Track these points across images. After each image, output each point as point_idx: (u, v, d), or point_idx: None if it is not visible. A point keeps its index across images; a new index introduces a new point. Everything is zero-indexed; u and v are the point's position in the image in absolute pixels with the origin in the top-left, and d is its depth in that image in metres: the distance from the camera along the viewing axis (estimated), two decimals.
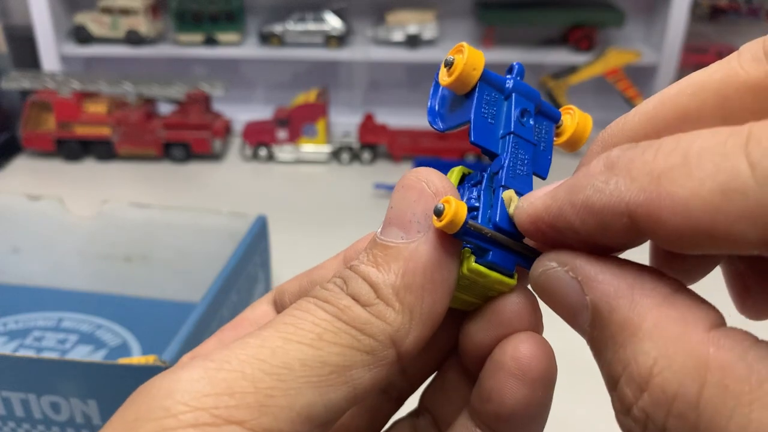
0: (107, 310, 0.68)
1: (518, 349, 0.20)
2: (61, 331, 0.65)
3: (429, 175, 0.20)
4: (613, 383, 0.16)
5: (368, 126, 1.07)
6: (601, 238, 0.17)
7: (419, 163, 0.98)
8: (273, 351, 0.17)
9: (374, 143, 1.06)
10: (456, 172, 0.22)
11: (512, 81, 0.22)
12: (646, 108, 0.19)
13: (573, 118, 0.22)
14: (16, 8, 1.19)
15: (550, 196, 0.18)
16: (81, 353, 0.62)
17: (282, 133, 1.06)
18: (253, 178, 1.03)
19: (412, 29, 1.10)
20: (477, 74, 0.21)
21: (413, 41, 1.11)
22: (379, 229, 0.20)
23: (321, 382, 0.17)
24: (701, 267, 0.20)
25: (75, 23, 1.13)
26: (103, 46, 1.14)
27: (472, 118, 0.21)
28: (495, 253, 0.20)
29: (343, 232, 0.80)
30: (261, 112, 1.14)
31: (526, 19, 1.11)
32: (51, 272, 0.72)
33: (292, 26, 1.12)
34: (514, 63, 0.22)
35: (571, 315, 0.18)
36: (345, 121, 1.12)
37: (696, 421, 0.14)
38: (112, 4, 1.11)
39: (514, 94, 0.22)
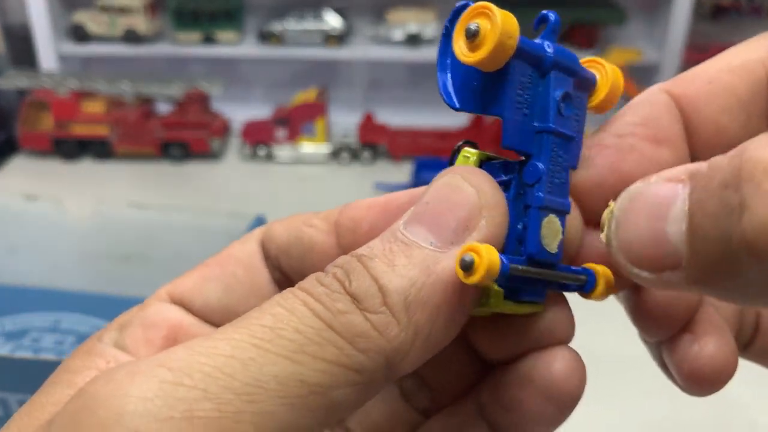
0: (105, 310, 0.67)
1: (552, 368, 0.18)
2: (59, 332, 0.65)
3: (482, 181, 0.17)
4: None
5: (368, 125, 1.07)
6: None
7: (420, 164, 0.97)
8: (244, 365, 0.15)
9: (374, 143, 1.05)
10: (473, 158, 0.18)
11: (552, 48, 0.17)
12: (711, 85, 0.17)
13: (605, 77, 0.18)
14: (13, 7, 1.18)
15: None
16: None
17: (281, 133, 1.05)
18: (252, 178, 1.02)
19: (413, 28, 1.10)
20: (513, 45, 0.16)
21: (413, 40, 1.10)
22: (403, 221, 0.17)
23: (297, 404, 0.15)
24: None
25: (73, 22, 1.13)
26: (101, 45, 1.13)
27: (505, 113, 0.16)
28: (527, 290, 0.17)
29: None
30: (260, 112, 1.14)
31: (527, 17, 1.10)
32: (48, 272, 0.71)
33: (292, 25, 1.11)
34: (547, 12, 0.18)
35: (660, 212, 0.14)
36: (345, 121, 1.12)
37: None
38: (110, 2, 1.10)
39: (553, 73, 0.17)
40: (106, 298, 0.69)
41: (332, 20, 1.11)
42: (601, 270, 0.18)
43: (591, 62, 0.19)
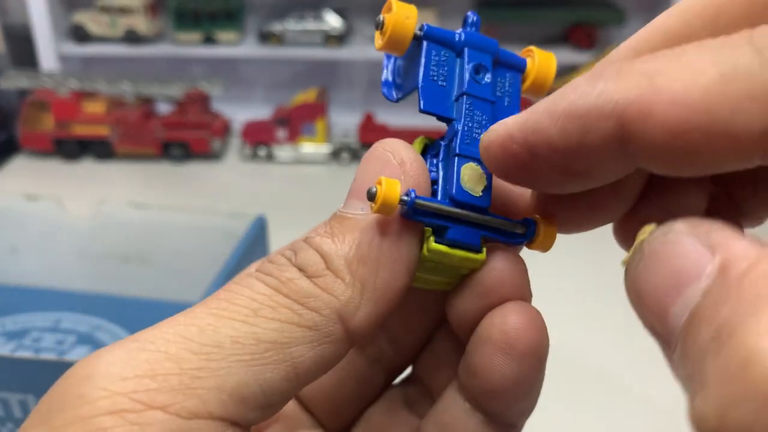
0: (105, 310, 0.67)
1: (506, 321, 0.18)
2: (60, 332, 0.65)
3: (395, 145, 0.19)
4: (741, 354, 0.12)
5: (368, 126, 1.07)
6: (581, 153, 0.15)
7: None
8: (201, 329, 0.16)
9: (374, 143, 1.05)
10: (418, 143, 0.20)
11: (463, 33, 0.20)
12: (633, 39, 0.17)
13: (534, 61, 0.20)
14: (14, 7, 1.18)
15: (526, 112, 0.16)
16: (79, 354, 0.62)
17: (281, 133, 1.05)
18: (253, 178, 1.02)
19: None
20: (411, 26, 0.19)
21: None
22: (343, 204, 0.19)
23: (255, 361, 0.16)
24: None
25: (73, 22, 1.13)
26: (102, 46, 1.13)
27: (420, 83, 0.19)
28: (455, 229, 0.18)
29: None
30: (260, 112, 1.14)
31: (527, 17, 1.11)
32: (49, 272, 0.72)
33: (292, 25, 1.12)
34: (469, 13, 0.20)
35: (678, 283, 0.13)
36: (345, 121, 1.12)
37: None
38: (111, 3, 1.10)
39: (466, 49, 0.19)
40: (106, 297, 0.69)
41: (332, 20, 1.11)
42: (545, 220, 0.19)
43: (526, 51, 0.21)
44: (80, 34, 1.13)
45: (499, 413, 0.19)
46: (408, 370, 0.24)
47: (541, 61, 0.21)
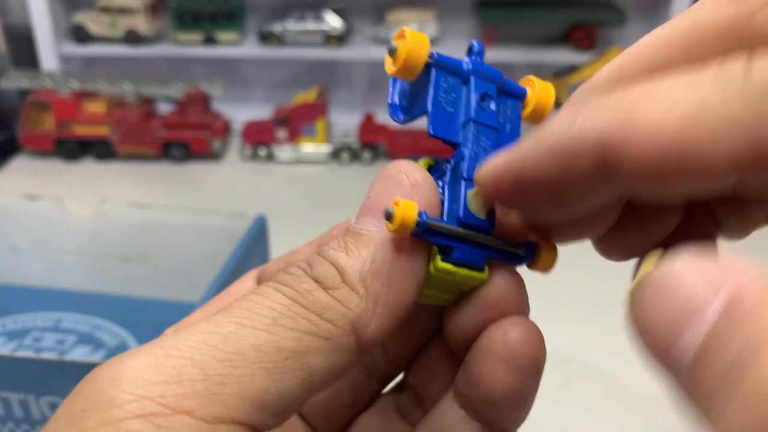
0: (106, 310, 0.67)
1: (507, 335, 0.19)
2: (60, 332, 0.65)
3: (408, 167, 0.20)
4: (758, 386, 0.12)
5: (368, 126, 1.07)
6: (567, 183, 0.16)
7: None
8: (225, 336, 0.17)
9: (374, 143, 1.06)
10: (421, 164, 0.21)
11: (470, 63, 0.21)
12: (611, 67, 0.18)
13: (534, 90, 0.22)
14: (14, 7, 1.18)
15: (513, 151, 0.18)
16: (80, 354, 0.62)
17: (281, 133, 1.06)
18: (253, 178, 1.02)
19: (413, 28, 1.10)
20: (424, 55, 0.20)
21: None
22: (354, 219, 0.20)
23: (275, 369, 0.16)
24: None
25: (74, 22, 1.13)
26: (102, 46, 1.13)
27: (429, 108, 0.20)
28: (461, 249, 0.19)
29: None
30: (260, 112, 1.14)
31: (527, 18, 1.11)
32: (49, 272, 0.72)
33: (292, 25, 1.12)
34: (474, 42, 0.21)
35: (686, 318, 0.13)
36: (345, 121, 1.12)
37: None
38: (111, 3, 1.11)
39: (472, 78, 0.20)
40: (107, 297, 0.70)
41: (332, 21, 1.12)
42: (546, 243, 0.20)
43: (525, 80, 0.22)
44: (81, 35, 1.13)
45: (494, 421, 0.20)
46: (398, 378, 0.24)
47: (540, 90, 0.22)
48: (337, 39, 1.12)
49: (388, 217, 0.18)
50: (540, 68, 1.11)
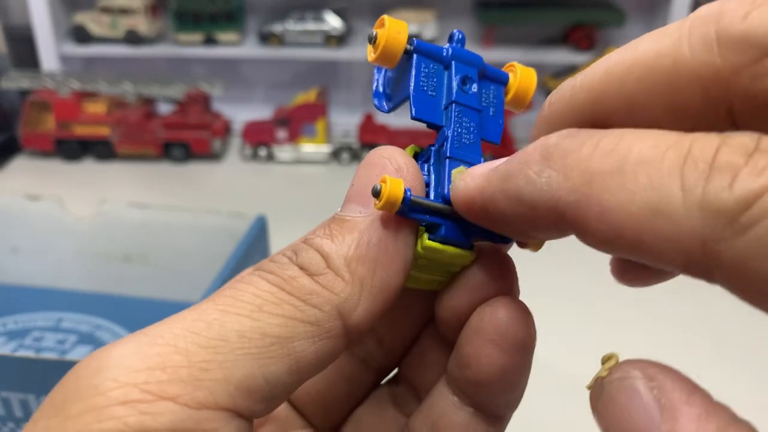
0: (106, 310, 0.67)
1: (496, 315, 0.19)
2: (61, 332, 0.65)
3: (392, 152, 0.20)
4: None
5: (368, 126, 1.07)
6: (530, 228, 0.17)
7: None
8: (209, 324, 0.17)
9: (374, 143, 1.06)
10: (408, 151, 0.22)
11: (450, 48, 0.21)
12: (592, 82, 0.17)
13: (515, 75, 0.22)
14: (15, 8, 1.19)
15: (485, 179, 0.18)
16: (80, 353, 0.62)
17: (282, 133, 1.06)
18: (253, 178, 1.03)
19: (412, 29, 1.10)
20: (402, 41, 0.20)
21: None
22: (340, 207, 0.20)
23: (260, 354, 0.16)
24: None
25: (74, 23, 1.13)
26: (103, 46, 1.14)
27: (411, 92, 0.20)
28: (448, 227, 0.19)
29: None
30: (261, 112, 1.14)
31: (526, 18, 1.11)
32: (50, 272, 0.72)
33: (292, 26, 1.12)
34: (455, 30, 0.22)
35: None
36: (345, 121, 1.12)
37: None
38: (112, 3, 1.11)
39: (453, 62, 0.21)
40: (107, 297, 0.70)
41: (332, 21, 1.12)
42: None
43: (508, 67, 0.22)
44: (81, 35, 1.13)
45: (487, 404, 0.20)
46: (395, 370, 0.24)
47: (522, 75, 0.22)
48: (337, 39, 1.12)
49: (376, 194, 0.18)
50: (540, 68, 1.11)
